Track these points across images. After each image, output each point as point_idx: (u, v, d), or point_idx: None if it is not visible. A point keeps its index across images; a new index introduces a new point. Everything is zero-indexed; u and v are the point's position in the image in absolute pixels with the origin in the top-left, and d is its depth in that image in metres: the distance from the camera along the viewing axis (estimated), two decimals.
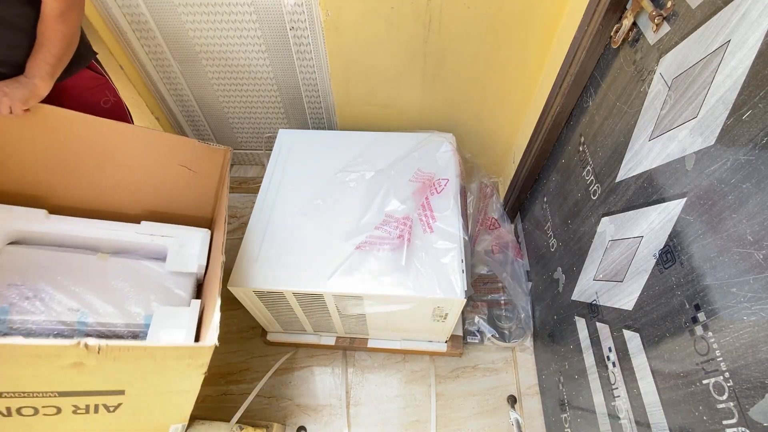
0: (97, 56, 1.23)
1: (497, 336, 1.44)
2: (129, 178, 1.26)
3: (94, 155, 1.20)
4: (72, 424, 0.90)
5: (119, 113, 1.32)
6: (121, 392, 0.87)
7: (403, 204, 1.19)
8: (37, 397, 0.80)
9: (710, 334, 0.61)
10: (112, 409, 0.90)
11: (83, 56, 1.15)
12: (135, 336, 1.02)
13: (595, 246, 0.98)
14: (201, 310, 1.03)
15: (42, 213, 1.16)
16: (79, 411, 0.87)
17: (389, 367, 1.43)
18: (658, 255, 0.73)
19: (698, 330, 0.63)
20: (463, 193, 1.29)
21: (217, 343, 0.79)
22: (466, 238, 1.15)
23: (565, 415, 1.15)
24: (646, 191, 0.78)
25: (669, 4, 0.73)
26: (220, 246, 1.00)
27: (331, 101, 1.53)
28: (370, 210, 1.19)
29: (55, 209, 1.18)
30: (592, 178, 1.00)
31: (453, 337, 1.37)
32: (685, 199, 0.67)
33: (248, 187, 1.91)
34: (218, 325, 0.81)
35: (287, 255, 1.12)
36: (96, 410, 0.90)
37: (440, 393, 1.37)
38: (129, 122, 1.37)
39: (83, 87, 1.19)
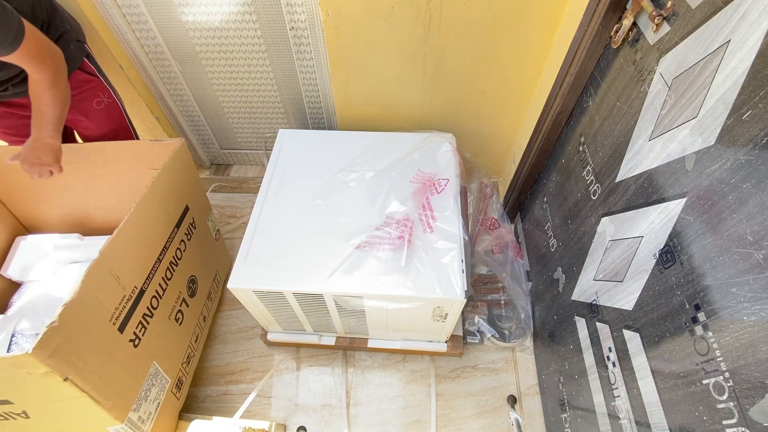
0: (92, 56, 1.23)
1: (497, 336, 1.44)
2: (121, 192, 1.33)
3: (87, 178, 1.30)
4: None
5: (113, 115, 1.31)
6: (9, 402, 0.87)
7: (404, 205, 1.19)
8: None
9: (710, 334, 0.61)
10: (24, 415, 0.91)
11: (72, 59, 1.14)
12: None
13: (595, 246, 0.98)
14: None
15: (75, 236, 1.38)
16: None
17: (389, 367, 1.43)
18: (658, 255, 0.73)
19: (698, 330, 0.63)
20: (464, 193, 1.29)
21: (29, 350, 0.73)
22: (466, 238, 1.15)
23: (565, 415, 1.15)
24: (646, 191, 0.78)
25: (669, 4, 0.73)
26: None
27: (331, 101, 1.53)
28: (370, 211, 1.19)
29: (88, 231, 1.42)
30: (592, 178, 1.00)
31: (453, 337, 1.37)
32: (685, 199, 0.67)
33: (248, 187, 1.91)
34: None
35: (287, 255, 1.12)
36: (12, 417, 0.92)
37: (440, 393, 1.38)
38: (125, 122, 1.36)
39: (75, 90, 1.18)
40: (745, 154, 0.55)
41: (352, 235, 1.14)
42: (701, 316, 0.63)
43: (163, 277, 1.12)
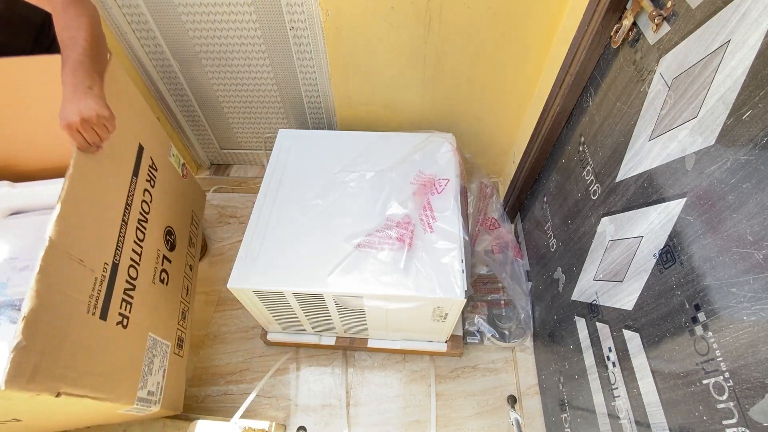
0: None
1: (497, 336, 1.44)
2: (51, 125, 0.90)
3: (3, 106, 1.02)
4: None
5: None
6: (17, 419, 0.83)
7: (404, 206, 1.19)
8: None
9: (710, 334, 0.61)
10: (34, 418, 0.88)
11: None
12: None
13: (595, 246, 0.98)
14: None
15: (5, 184, 1.09)
16: None
17: (389, 367, 1.43)
18: (658, 255, 0.73)
19: (698, 330, 0.63)
20: (464, 193, 1.29)
21: (1, 385, 0.63)
22: (467, 238, 1.15)
23: (565, 415, 1.15)
24: (646, 191, 0.78)
25: (669, 4, 0.73)
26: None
27: (331, 101, 1.53)
28: (370, 211, 1.19)
29: (18, 177, 1.11)
30: (592, 178, 1.00)
31: (453, 337, 1.37)
32: (685, 199, 0.67)
33: (248, 187, 1.91)
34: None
35: (287, 255, 1.12)
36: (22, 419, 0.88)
37: (440, 393, 1.38)
38: None
39: None
40: (745, 154, 0.55)
41: (352, 235, 1.14)
42: (701, 316, 0.63)
43: (134, 241, 0.97)
